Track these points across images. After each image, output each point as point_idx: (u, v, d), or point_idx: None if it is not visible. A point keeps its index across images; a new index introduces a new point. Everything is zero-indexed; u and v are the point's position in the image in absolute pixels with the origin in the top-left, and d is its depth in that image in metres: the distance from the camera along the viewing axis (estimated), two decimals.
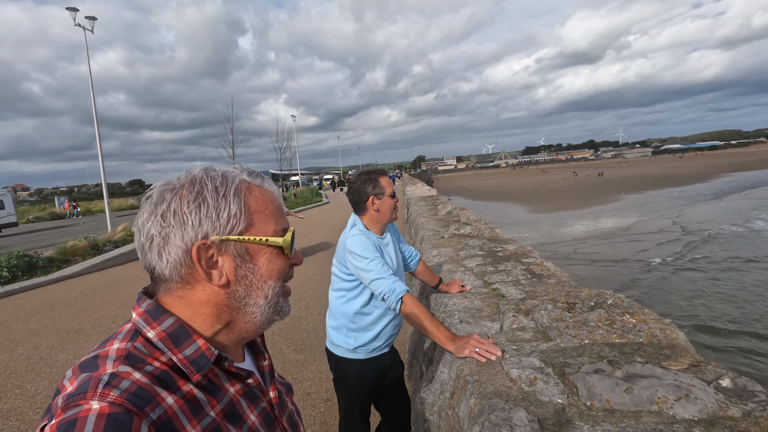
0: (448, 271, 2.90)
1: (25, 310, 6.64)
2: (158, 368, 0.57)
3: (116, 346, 0.57)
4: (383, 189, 1.99)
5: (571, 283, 2.32)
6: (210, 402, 0.61)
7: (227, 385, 0.65)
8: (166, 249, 0.61)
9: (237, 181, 0.66)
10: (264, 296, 0.66)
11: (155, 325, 0.60)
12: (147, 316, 0.61)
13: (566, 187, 43.31)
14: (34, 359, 4.56)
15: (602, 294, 1.85)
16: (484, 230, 4.38)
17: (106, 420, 0.47)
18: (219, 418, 0.61)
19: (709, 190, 31.22)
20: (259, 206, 0.66)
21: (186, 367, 0.59)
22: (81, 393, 0.49)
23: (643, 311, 1.67)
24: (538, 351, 1.50)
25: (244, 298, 0.65)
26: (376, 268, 1.83)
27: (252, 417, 0.67)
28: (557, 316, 1.69)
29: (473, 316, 1.97)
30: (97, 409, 0.47)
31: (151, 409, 0.51)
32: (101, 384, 0.50)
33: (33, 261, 9.45)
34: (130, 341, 0.58)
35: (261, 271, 0.66)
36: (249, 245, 0.65)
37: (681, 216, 19.43)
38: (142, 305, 0.63)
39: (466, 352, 1.53)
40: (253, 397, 0.70)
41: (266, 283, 0.66)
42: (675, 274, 10.33)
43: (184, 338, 0.61)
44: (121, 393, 0.50)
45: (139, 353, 0.57)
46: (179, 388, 0.57)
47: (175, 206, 0.61)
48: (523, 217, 23.11)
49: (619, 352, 1.41)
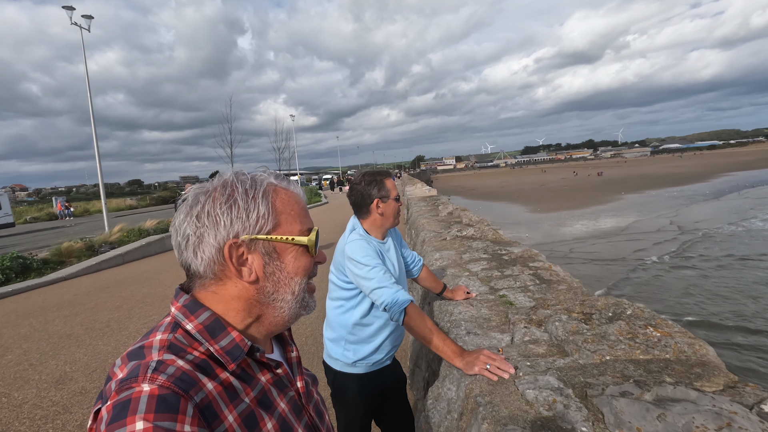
0: (452, 275, 2.78)
1: (17, 313, 6.50)
2: (198, 357, 0.62)
3: (159, 337, 0.62)
4: (389, 192, 1.86)
5: (582, 289, 2.20)
6: (245, 389, 0.65)
7: (259, 375, 0.70)
8: (200, 248, 0.66)
9: (265, 183, 0.70)
10: (291, 292, 0.70)
11: (193, 318, 0.65)
12: (185, 310, 0.66)
13: (566, 186, 43.23)
14: (23, 365, 4.42)
15: (620, 303, 1.72)
16: (487, 232, 4.26)
17: (156, 400, 0.51)
18: (253, 404, 0.65)
19: (709, 189, 31.16)
20: (285, 207, 0.70)
21: (222, 356, 0.64)
22: (133, 377, 0.54)
23: (667, 323, 1.54)
24: (555, 368, 1.37)
25: (272, 294, 0.69)
26: (378, 276, 1.70)
27: (282, 404, 0.71)
28: (573, 328, 1.57)
29: (481, 327, 1.84)
30: (148, 391, 0.52)
31: (195, 392, 0.56)
32: (150, 369, 0.55)
33: (27, 263, 9.30)
34: (171, 333, 0.63)
35: (288, 268, 0.70)
36: (276, 244, 0.69)
37: (679, 216, 19.40)
38: (180, 300, 0.68)
39: (476, 369, 1.41)
40: (282, 386, 0.74)
41: (293, 280, 0.71)
42: (669, 272, 10.47)
43: (219, 330, 0.65)
44: (168, 377, 0.54)
45: (180, 344, 0.62)
46: (217, 376, 0.62)
47: (208, 208, 0.66)
48: (523, 217, 23.01)
49: (645, 370, 1.28)
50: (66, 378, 4.05)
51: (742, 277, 9.81)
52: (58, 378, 4.06)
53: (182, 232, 0.66)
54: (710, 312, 7.73)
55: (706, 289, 9.03)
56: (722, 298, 8.40)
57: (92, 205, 38.15)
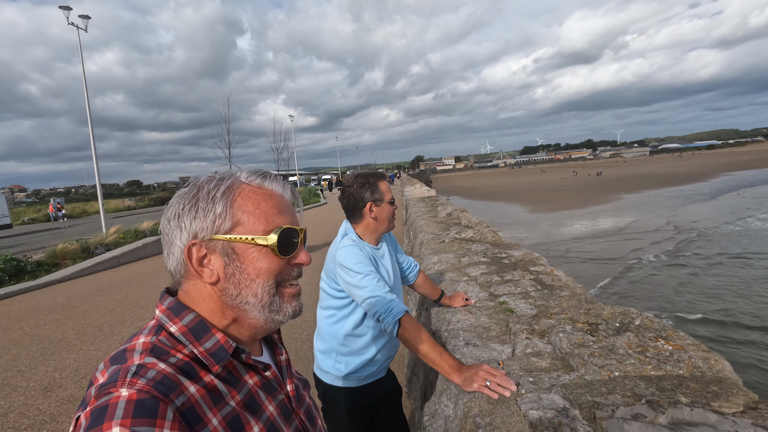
0: (450, 280, 2.68)
1: (9, 317, 6.38)
2: (181, 360, 0.61)
3: (142, 340, 0.62)
4: (382, 195, 1.76)
5: (586, 296, 2.10)
6: (230, 392, 0.64)
7: (246, 377, 0.68)
8: (171, 249, 0.68)
9: (229, 182, 0.69)
10: (254, 294, 0.67)
11: (177, 321, 0.65)
12: (169, 312, 0.66)
13: (565, 186, 43.16)
14: (11, 372, 4.31)
15: (627, 312, 1.63)
16: (486, 234, 4.16)
17: (134, 405, 0.50)
18: (239, 407, 0.64)
19: (708, 189, 31.11)
20: (248, 206, 0.68)
21: (206, 359, 0.63)
22: (111, 382, 0.53)
23: (678, 334, 1.44)
24: (560, 385, 1.28)
25: (236, 297, 0.67)
26: (371, 285, 1.60)
27: (270, 408, 0.69)
28: (578, 340, 1.47)
29: (480, 337, 1.75)
30: (126, 396, 0.51)
31: (175, 396, 0.55)
32: (129, 374, 0.54)
33: (21, 265, 9.18)
34: (155, 335, 0.62)
35: (248, 269, 0.67)
36: (235, 244, 0.67)
37: (677, 215, 19.41)
38: (164, 303, 0.68)
39: (474, 386, 1.31)
40: (271, 389, 0.72)
41: (254, 282, 0.67)
42: (663, 270, 10.68)
43: (204, 332, 0.65)
44: (147, 381, 0.53)
45: (164, 346, 0.61)
46: (201, 379, 0.61)
47: (176, 210, 0.67)
48: (522, 217, 22.93)
49: (657, 388, 1.19)
50: (55, 385, 3.94)
51: (735, 274, 10.00)
52: (47, 385, 3.95)
53: (162, 233, 0.69)
54: (707, 309, 7.87)
55: (698, 287, 9.22)
56: (714, 296, 8.57)
57: (90, 206, 37.97)
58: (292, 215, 0.72)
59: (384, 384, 1.85)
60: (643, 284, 9.68)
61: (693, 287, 9.23)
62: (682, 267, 10.89)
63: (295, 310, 0.72)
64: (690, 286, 9.30)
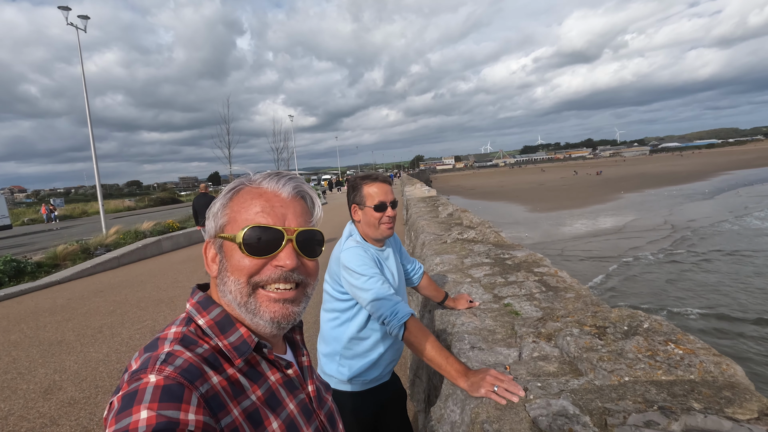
0: (453, 282, 2.66)
1: (8, 319, 6.36)
2: (207, 351, 0.64)
3: (173, 330, 0.65)
4: (363, 199, 1.70)
5: (592, 298, 2.08)
6: (251, 387, 0.66)
7: (268, 373, 0.70)
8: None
9: (239, 182, 0.73)
10: (230, 291, 0.69)
11: (205, 314, 0.68)
12: (198, 306, 0.69)
13: (565, 186, 43.14)
14: (11, 374, 4.29)
15: (635, 315, 1.60)
16: (489, 235, 4.14)
17: (162, 390, 0.53)
18: (259, 402, 0.65)
19: (708, 188, 31.08)
20: (241, 205, 0.70)
21: (230, 352, 0.65)
22: (142, 369, 0.57)
23: (689, 338, 1.42)
24: (569, 390, 1.25)
25: (225, 294, 0.70)
26: (375, 287, 1.58)
27: (291, 405, 0.71)
28: (587, 344, 1.45)
29: (486, 340, 1.72)
30: (154, 382, 0.54)
31: (200, 383, 0.58)
32: (159, 361, 0.57)
33: (21, 266, 9.15)
34: (185, 326, 0.66)
35: (229, 266, 0.69)
36: (224, 241, 0.70)
37: (676, 214, 19.48)
38: (194, 297, 0.71)
39: (482, 392, 1.29)
40: (293, 387, 0.74)
41: (230, 278, 0.69)
42: (656, 267, 10.93)
43: (229, 326, 0.67)
44: (175, 368, 0.57)
45: (192, 336, 0.65)
46: (224, 371, 0.63)
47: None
48: (522, 217, 22.91)
49: (669, 394, 1.16)
50: (55, 387, 3.92)
51: (729, 270, 10.25)
52: (47, 387, 3.93)
53: None
54: (701, 304, 8.09)
55: (689, 283, 9.48)
56: (710, 290, 8.82)
57: (90, 206, 37.95)
58: (284, 214, 0.70)
59: (388, 387, 1.82)
60: (635, 282, 9.86)
61: (684, 283, 9.48)
62: (676, 264, 11.13)
63: (274, 317, 0.68)
64: (681, 283, 9.54)
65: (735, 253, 11.71)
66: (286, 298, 0.69)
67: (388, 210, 1.69)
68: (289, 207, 0.71)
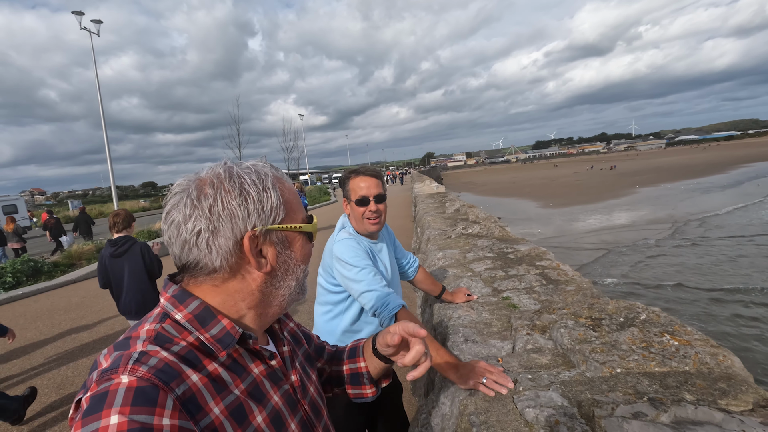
0: (454, 276, 2.64)
1: (26, 317, 6.52)
2: (185, 347, 0.60)
3: (146, 328, 0.61)
4: (349, 193, 1.70)
5: (592, 290, 2.04)
6: (234, 381, 0.64)
7: (251, 366, 0.68)
8: (216, 242, 0.63)
9: (270, 174, 0.70)
10: (296, 279, 0.72)
11: (182, 308, 0.64)
12: (174, 300, 0.65)
13: (578, 181, 42.52)
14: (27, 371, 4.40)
15: (633, 307, 1.57)
16: (493, 229, 4.09)
17: (134, 392, 0.50)
18: (243, 395, 0.63)
19: (726, 181, 30.31)
20: (290, 197, 0.71)
21: (213, 344, 0.63)
22: (113, 368, 0.53)
23: (686, 329, 1.38)
24: (559, 382, 1.23)
25: (279, 281, 0.70)
26: (367, 278, 1.57)
27: (275, 397, 0.69)
28: (580, 335, 1.42)
29: (480, 333, 1.70)
30: (127, 383, 0.51)
31: (176, 384, 0.55)
32: (131, 360, 0.54)
33: (38, 266, 9.39)
34: (159, 323, 0.62)
35: (296, 255, 0.71)
36: (287, 233, 0.70)
37: (690, 206, 19.04)
38: (169, 291, 0.67)
39: (470, 383, 1.27)
40: (276, 379, 0.72)
41: (299, 267, 0.72)
42: (663, 254, 10.97)
43: (209, 319, 0.64)
44: (149, 369, 0.53)
45: (168, 334, 0.61)
46: (204, 367, 0.60)
47: (221, 200, 0.64)
48: (534, 213, 22.64)
49: (661, 385, 1.13)
50: (68, 383, 4.01)
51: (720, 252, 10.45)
52: (60, 383, 4.02)
53: (191, 228, 0.63)
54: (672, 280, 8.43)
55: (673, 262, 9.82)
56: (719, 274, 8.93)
57: (107, 207, 38.69)
58: None
59: (396, 393, 1.82)
60: (615, 264, 10.11)
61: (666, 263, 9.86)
62: (673, 248, 11.39)
63: (307, 289, 0.79)
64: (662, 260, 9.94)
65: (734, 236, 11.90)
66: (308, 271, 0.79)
67: (370, 204, 1.66)
68: None
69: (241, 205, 0.64)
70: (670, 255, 10.66)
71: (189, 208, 0.63)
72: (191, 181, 0.66)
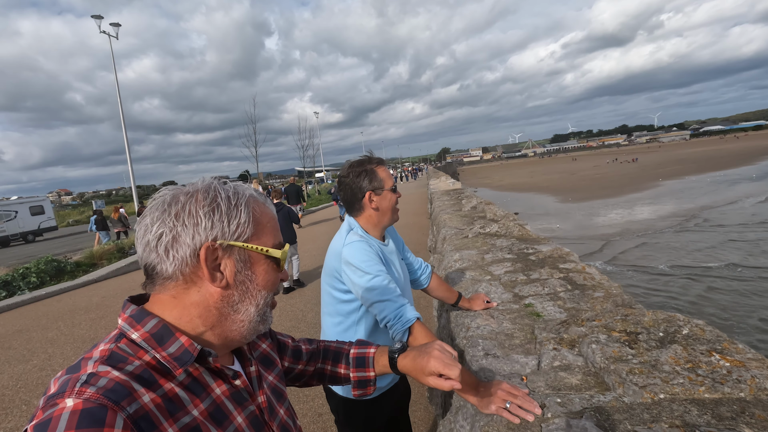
0: (472, 280, 2.50)
1: (48, 317, 6.66)
2: (139, 366, 0.59)
3: (101, 348, 0.60)
4: (382, 182, 1.59)
5: (623, 297, 1.88)
6: (192, 401, 0.62)
7: (213, 385, 0.67)
8: (174, 247, 0.63)
9: (247, 194, 0.70)
10: (256, 304, 0.69)
11: (139, 327, 0.63)
12: (131, 319, 0.64)
13: (598, 174, 41.52)
14: (46, 371, 4.46)
15: (673, 319, 1.41)
16: (512, 228, 3.93)
17: (80, 415, 0.48)
18: (202, 416, 0.62)
19: (755, 172, 29.11)
20: (263, 219, 0.71)
21: (169, 363, 0.61)
22: (60, 393, 0.52)
23: (736, 347, 1.23)
24: (593, 408, 1.10)
25: (237, 303, 0.68)
26: (381, 287, 1.45)
27: (239, 419, 0.67)
28: (615, 353, 1.28)
29: (502, 346, 1.57)
30: (71, 407, 0.49)
31: (127, 403, 0.53)
32: (78, 383, 0.53)
33: (61, 266, 9.60)
34: (114, 343, 0.61)
35: (257, 279, 0.69)
36: (251, 253, 0.69)
37: (715, 199, 18.35)
38: (126, 311, 0.65)
39: (492, 408, 1.15)
40: (241, 399, 0.70)
41: (260, 293, 0.70)
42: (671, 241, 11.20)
43: (167, 337, 0.63)
44: (97, 390, 0.52)
45: (123, 353, 0.60)
46: (160, 386, 0.59)
47: (190, 208, 0.64)
48: (553, 207, 22.17)
49: (713, 416, 0.99)
50: None
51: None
52: None
53: (155, 230, 0.64)
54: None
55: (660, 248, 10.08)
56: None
57: (129, 207, 39.62)
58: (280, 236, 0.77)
59: (399, 387, 1.72)
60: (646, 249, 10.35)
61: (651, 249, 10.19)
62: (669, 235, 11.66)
63: (272, 320, 0.76)
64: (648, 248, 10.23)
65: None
66: (275, 303, 0.78)
67: (398, 192, 1.65)
68: None
69: (207, 215, 0.64)
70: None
71: (158, 212, 0.65)
72: (173, 188, 0.68)
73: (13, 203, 24.20)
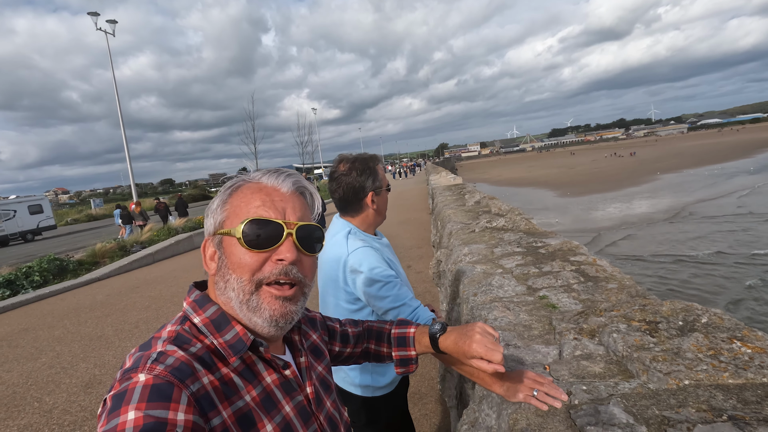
0: (484, 273, 2.53)
1: (53, 315, 6.67)
2: (201, 349, 0.63)
3: (168, 329, 0.65)
4: (382, 182, 1.58)
5: (637, 288, 1.91)
6: (246, 387, 0.65)
7: (264, 374, 0.69)
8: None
9: (238, 179, 0.72)
10: (232, 289, 0.67)
11: (201, 312, 0.67)
12: (195, 304, 0.68)
13: (596, 169, 41.59)
14: (55, 369, 4.48)
15: (691, 308, 1.44)
16: (519, 222, 3.96)
17: (150, 389, 0.53)
18: (254, 403, 0.64)
19: (752, 165, 29.22)
20: (241, 201, 0.69)
21: (225, 350, 0.64)
22: (134, 368, 0.56)
23: (757, 335, 1.26)
24: (619, 395, 1.12)
25: (224, 291, 0.68)
26: (392, 293, 1.43)
27: (287, 408, 0.69)
28: (636, 341, 1.30)
29: (521, 337, 1.60)
30: (143, 381, 0.54)
31: (191, 381, 0.57)
32: (150, 360, 0.57)
33: (63, 264, 9.60)
34: (180, 325, 0.66)
35: (229, 263, 0.68)
36: (224, 237, 0.69)
37: (713, 192, 18.43)
38: (191, 296, 0.70)
39: (520, 396, 1.17)
40: (290, 389, 0.72)
41: (232, 276, 0.67)
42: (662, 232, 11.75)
43: (225, 324, 0.66)
44: (165, 367, 0.56)
45: (187, 335, 0.64)
46: (218, 370, 0.62)
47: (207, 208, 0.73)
48: (552, 202, 22.23)
49: (739, 400, 1.02)
50: (95, 381, 4.06)
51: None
52: (88, 382, 4.07)
53: None
54: None
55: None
56: None
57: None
58: (284, 208, 0.70)
59: (407, 378, 1.76)
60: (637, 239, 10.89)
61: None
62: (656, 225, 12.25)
63: (273, 314, 0.67)
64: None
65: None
66: (286, 296, 0.69)
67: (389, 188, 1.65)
68: (288, 202, 0.70)
69: (209, 212, 0.72)
70: None
71: None
72: None
73: (11, 202, 24.10)
